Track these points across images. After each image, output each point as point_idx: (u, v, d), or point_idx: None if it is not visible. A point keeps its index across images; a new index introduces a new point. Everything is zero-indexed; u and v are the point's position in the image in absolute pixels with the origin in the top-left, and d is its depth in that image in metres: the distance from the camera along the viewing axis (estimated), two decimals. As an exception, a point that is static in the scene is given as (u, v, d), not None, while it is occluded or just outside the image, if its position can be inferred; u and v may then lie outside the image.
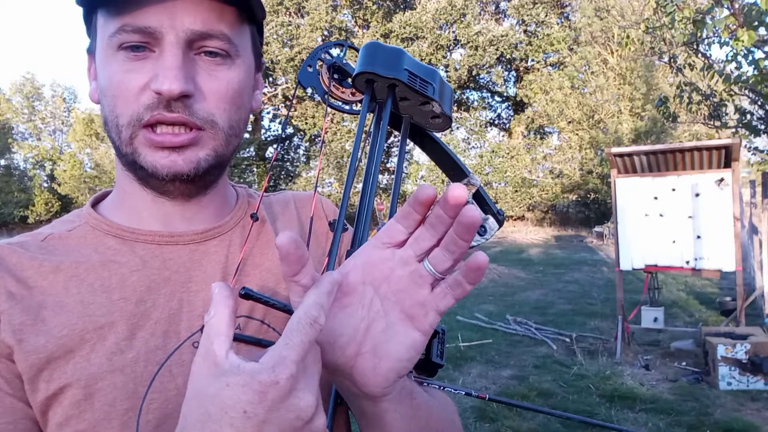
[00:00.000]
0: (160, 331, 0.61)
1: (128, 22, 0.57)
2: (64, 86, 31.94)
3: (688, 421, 4.01)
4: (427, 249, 0.47)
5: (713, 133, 12.59)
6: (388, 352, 0.48)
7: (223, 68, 0.62)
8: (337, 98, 0.76)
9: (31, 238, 0.65)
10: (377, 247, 0.49)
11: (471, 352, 5.87)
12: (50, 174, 26.09)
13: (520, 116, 27.07)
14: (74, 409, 0.56)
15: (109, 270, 0.62)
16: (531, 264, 13.58)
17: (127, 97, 0.59)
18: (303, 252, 0.43)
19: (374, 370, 0.48)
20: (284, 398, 0.38)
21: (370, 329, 0.48)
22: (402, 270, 0.48)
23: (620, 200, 5.77)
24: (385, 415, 0.53)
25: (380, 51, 0.63)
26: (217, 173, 0.67)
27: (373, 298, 0.49)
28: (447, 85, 0.68)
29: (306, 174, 26.20)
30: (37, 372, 0.56)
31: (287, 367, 0.38)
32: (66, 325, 0.58)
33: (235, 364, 0.39)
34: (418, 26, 23.48)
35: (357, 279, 0.48)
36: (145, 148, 0.60)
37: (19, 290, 0.59)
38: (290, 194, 0.82)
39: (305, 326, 0.40)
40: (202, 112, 0.61)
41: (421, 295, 0.48)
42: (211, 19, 0.59)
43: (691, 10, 5.99)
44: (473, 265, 0.45)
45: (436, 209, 0.45)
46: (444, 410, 0.65)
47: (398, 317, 0.49)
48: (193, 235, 0.67)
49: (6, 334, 0.57)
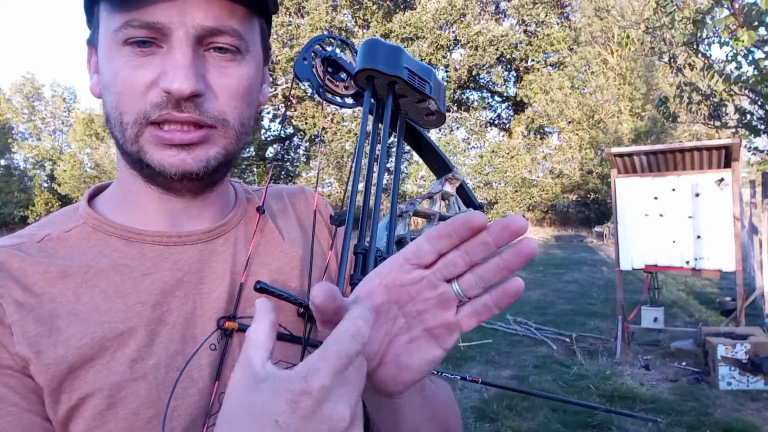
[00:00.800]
0: (178, 336, 0.60)
1: (136, 17, 0.55)
2: (64, 86, 32.02)
3: (688, 421, 4.01)
4: (458, 274, 0.46)
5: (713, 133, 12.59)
6: (409, 365, 0.49)
7: (234, 65, 0.59)
8: (331, 92, 0.76)
9: (27, 239, 0.62)
10: (404, 268, 0.47)
11: (471, 352, 5.87)
12: (50, 174, 26.08)
13: (520, 116, 27.06)
14: (97, 420, 0.55)
15: (121, 274, 0.60)
16: (531, 264, 13.57)
17: (134, 93, 0.57)
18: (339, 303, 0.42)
19: (394, 379, 0.50)
20: (316, 408, 0.37)
21: (393, 343, 0.49)
22: (429, 293, 0.47)
23: (620, 200, 5.76)
24: (399, 409, 0.55)
25: (381, 48, 0.63)
26: (225, 171, 0.65)
27: (397, 315, 0.49)
28: (441, 84, 0.69)
29: (306, 174, 26.20)
30: (58, 384, 0.54)
31: (319, 378, 0.37)
32: (85, 334, 0.56)
33: (271, 372, 0.38)
34: (418, 26, 23.48)
35: (382, 299, 0.48)
36: (152, 146, 0.58)
37: (27, 299, 0.56)
38: (282, 188, 0.81)
39: (346, 338, 0.39)
40: (214, 110, 0.58)
41: (447, 317, 0.48)
42: (222, 15, 0.57)
43: (691, 10, 5.99)
44: (511, 291, 0.45)
45: (483, 236, 0.44)
46: (446, 397, 0.67)
47: (421, 334, 0.49)
48: (200, 234, 0.66)
49: (22, 346, 0.54)
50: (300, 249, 0.72)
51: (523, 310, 8.05)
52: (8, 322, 0.55)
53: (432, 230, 0.47)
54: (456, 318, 0.48)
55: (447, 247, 0.45)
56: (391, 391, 0.51)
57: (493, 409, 4.27)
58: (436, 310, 0.48)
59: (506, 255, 0.44)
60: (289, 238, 0.72)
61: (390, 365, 0.49)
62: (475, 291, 0.46)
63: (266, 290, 0.54)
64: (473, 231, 0.44)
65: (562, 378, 5.01)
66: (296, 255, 0.71)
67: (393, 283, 0.48)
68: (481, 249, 0.44)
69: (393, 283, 0.48)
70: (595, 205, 22.57)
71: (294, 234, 0.74)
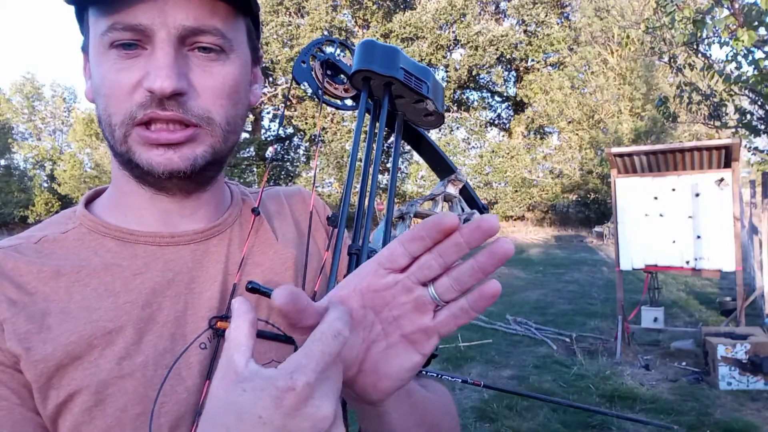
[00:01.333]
0: (168, 334, 0.61)
1: (119, 20, 0.57)
2: (64, 86, 32.00)
3: (688, 421, 4.01)
4: (433, 277, 0.46)
5: (713, 133, 12.59)
6: (388, 372, 0.48)
7: (218, 64, 0.61)
8: (330, 94, 0.76)
9: (24, 240, 0.64)
10: (378, 272, 0.47)
11: (471, 352, 5.87)
12: (50, 174, 26.10)
13: (520, 116, 27.07)
14: (85, 416, 0.56)
15: (112, 274, 0.62)
16: (531, 264, 13.58)
17: (120, 95, 0.58)
18: (302, 305, 0.41)
19: (374, 386, 0.49)
20: (300, 406, 0.37)
21: (371, 350, 0.48)
22: (405, 297, 0.47)
23: (620, 200, 5.77)
24: (384, 416, 0.54)
25: (377, 49, 0.63)
26: (216, 170, 0.66)
27: (374, 321, 0.48)
28: (439, 84, 0.69)
29: (306, 174, 26.19)
30: (46, 380, 0.56)
31: (305, 375, 0.37)
32: (74, 332, 0.57)
33: (254, 371, 0.38)
34: (418, 26, 23.48)
35: (357, 304, 0.47)
36: (139, 146, 0.59)
37: (20, 297, 0.58)
38: (279, 190, 0.81)
39: (328, 338, 0.39)
40: (197, 109, 0.60)
41: (424, 321, 0.47)
42: (203, 15, 0.58)
43: (691, 10, 5.99)
44: (488, 293, 0.44)
45: (455, 237, 0.43)
46: (439, 402, 0.67)
47: (399, 340, 0.48)
48: (193, 235, 0.66)
49: (12, 343, 0.56)
50: (294, 250, 0.72)
51: (523, 310, 8.06)
52: (0, 319, 0.56)
53: (405, 233, 0.46)
54: (433, 323, 0.47)
55: (420, 250, 0.45)
56: (371, 399, 0.50)
57: (493, 409, 4.27)
58: (412, 314, 0.47)
59: (480, 257, 0.43)
60: (283, 239, 0.73)
61: (368, 373, 0.48)
62: (451, 294, 0.45)
63: (258, 290, 0.54)
64: (444, 232, 0.43)
65: (562, 378, 5.01)
66: (290, 256, 0.71)
67: (368, 289, 0.47)
68: (454, 251, 0.43)
69: (368, 288, 0.47)
70: (595, 205, 22.57)
71: (289, 235, 0.74)
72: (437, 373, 0.72)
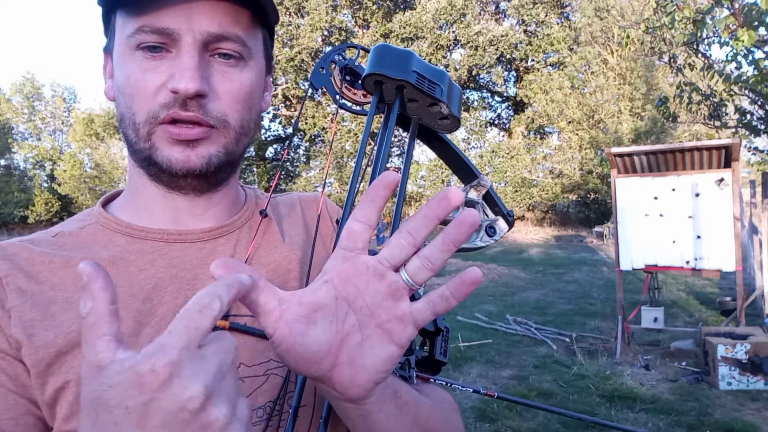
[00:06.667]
0: (165, 328, 0.61)
1: (147, 23, 0.60)
2: (64, 86, 31.97)
3: (688, 421, 4.02)
4: (404, 259, 0.45)
5: (713, 133, 12.58)
6: (364, 364, 0.47)
7: (236, 70, 0.64)
8: (348, 99, 0.77)
9: (42, 234, 0.67)
10: (347, 259, 0.46)
11: (471, 352, 5.88)
12: (50, 174, 26.11)
13: (520, 116, 27.07)
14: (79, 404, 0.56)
15: (117, 267, 0.64)
16: (531, 264, 13.58)
17: (145, 95, 0.61)
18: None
19: (351, 381, 0.47)
20: (163, 387, 0.35)
21: (346, 342, 0.47)
22: (378, 284, 0.46)
23: (620, 200, 5.77)
24: (368, 416, 0.52)
25: (389, 53, 0.64)
26: (229, 171, 0.69)
27: (347, 312, 0.47)
28: (456, 87, 0.69)
29: (306, 174, 26.19)
30: (46, 366, 0.57)
31: (167, 354, 0.35)
32: (75, 321, 0.59)
33: (117, 361, 0.36)
34: (418, 26, 23.47)
35: (329, 295, 0.46)
36: (163, 143, 0.62)
37: (30, 286, 0.60)
38: (296, 195, 0.84)
39: (193, 312, 0.37)
40: (216, 111, 0.63)
41: (399, 309, 0.46)
42: (226, 22, 0.61)
43: (691, 10, 6.00)
44: (468, 280, 0.44)
45: (422, 210, 0.43)
46: (436, 408, 0.64)
47: (374, 331, 0.47)
48: (201, 233, 0.68)
49: (16, 329, 0.58)
50: (300, 251, 0.74)
51: (523, 310, 8.06)
52: (8, 307, 0.59)
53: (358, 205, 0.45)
54: (409, 310, 0.46)
55: (374, 214, 0.45)
56: (351, 395, 0.48)
57: (493, 409, 4.28)
58: (387, 302, 0.46)
59: (449, 228, 0.43)
60: (290, 241, 0.74)
61: (345, 366, 0.47)
62: (424, 274, 0.45)
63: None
64: (389, 186, 0.44)
65: (562, 378, 5.02)
66: (295, 257, 0.73)
67: (338, 277, 0.46)
68: (423, 224, 0.44)
69: (338, 276, 0.46)
70: (595, 205, 22.58)
71: (297, 237, 0.76)
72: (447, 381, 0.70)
